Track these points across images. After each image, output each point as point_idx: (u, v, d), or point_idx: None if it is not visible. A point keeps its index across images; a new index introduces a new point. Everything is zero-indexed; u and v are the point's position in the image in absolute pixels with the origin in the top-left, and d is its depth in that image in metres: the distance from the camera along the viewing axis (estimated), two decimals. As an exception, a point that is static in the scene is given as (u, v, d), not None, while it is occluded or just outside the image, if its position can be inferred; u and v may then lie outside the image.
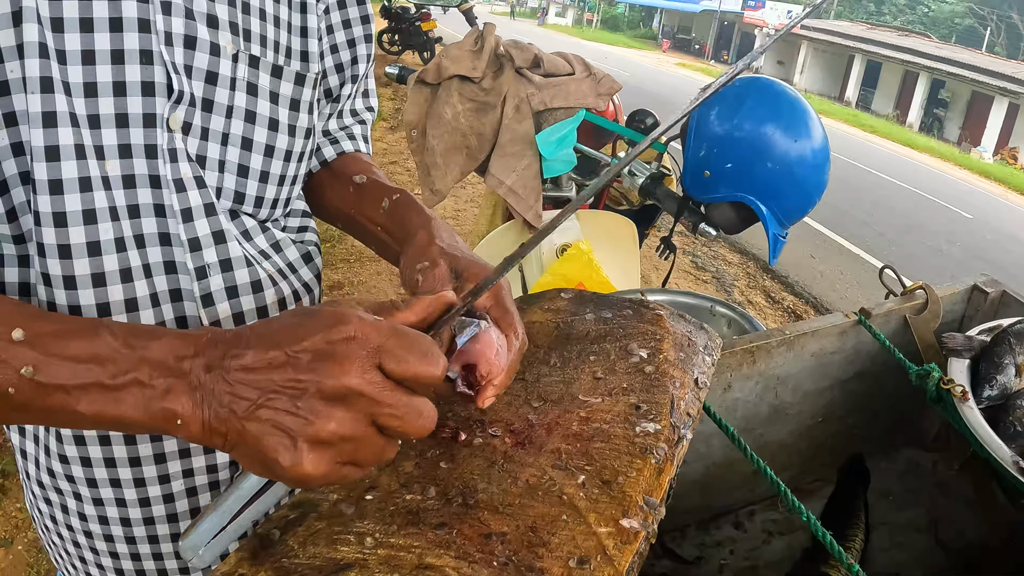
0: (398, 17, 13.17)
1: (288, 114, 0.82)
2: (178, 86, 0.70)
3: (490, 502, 0.64)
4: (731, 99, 1.71)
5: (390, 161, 7.46)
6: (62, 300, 0.70)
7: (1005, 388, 1.12)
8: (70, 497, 0.86)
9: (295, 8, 0.83)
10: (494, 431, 0.73)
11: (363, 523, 0.63)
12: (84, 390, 0.54)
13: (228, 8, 0.73)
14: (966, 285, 1.44)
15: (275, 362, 0.53)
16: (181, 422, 0.54)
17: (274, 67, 0.79)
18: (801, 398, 1.31)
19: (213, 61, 0.73)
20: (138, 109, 0.69)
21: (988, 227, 12.63)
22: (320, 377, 0.52)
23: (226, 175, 0.78)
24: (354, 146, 1.00)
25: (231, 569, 0.59)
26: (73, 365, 0.54)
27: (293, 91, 0.82)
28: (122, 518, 0.86)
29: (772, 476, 0.87)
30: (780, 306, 5.94)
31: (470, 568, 0.57)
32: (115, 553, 0.89)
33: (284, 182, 0.85)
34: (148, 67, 0.69)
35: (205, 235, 0.76)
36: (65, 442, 0.81)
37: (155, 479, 0.84)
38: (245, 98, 0.77)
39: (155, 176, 0.71)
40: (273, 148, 0.81)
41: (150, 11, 0.68)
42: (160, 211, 0.73)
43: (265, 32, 0.78)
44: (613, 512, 0.62)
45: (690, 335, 0.89)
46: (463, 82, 1.90)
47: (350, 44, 0.93)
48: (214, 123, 0.75)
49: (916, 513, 1.37)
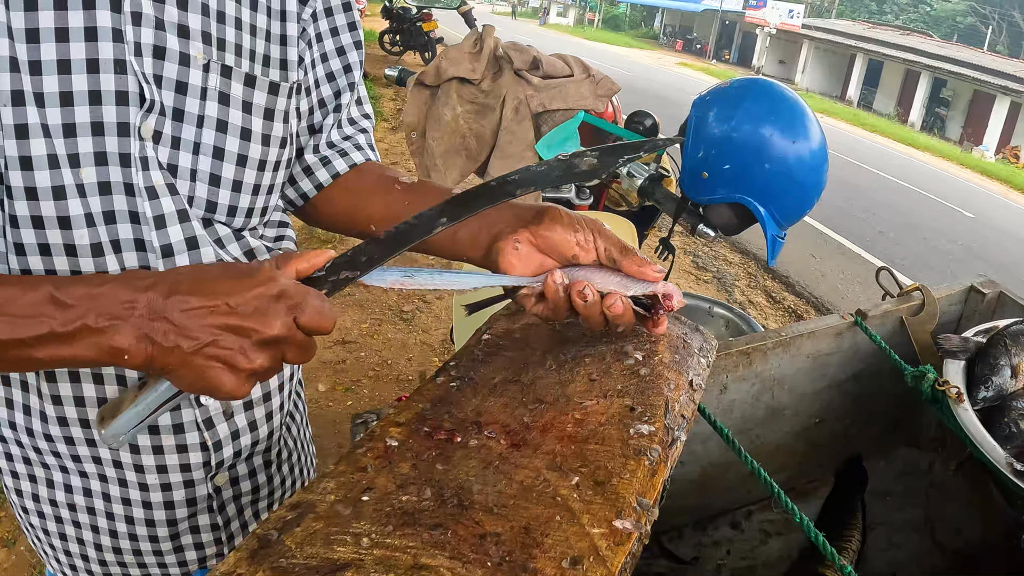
0: (399, 18, 13.17)
1: (262, 123, 0.82)
2: (149, 95, 0.71)
3: (485, 503, 0.64)
4: (729, 100, 1.72)
5: (392, 162, 7.48)
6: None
7: (1000, 389, 1.13)
8: (46, 485, 0.89)
9: (274, 16, 0.83)
10: (490, 433, 0.73)
11: (360, 524, 0.63)
12: (40, 339, 0.61)
13: (201, 18, 0.74)
14: (963, 286, 1.45)
15: (217, 310, 0.62)
16: (128, 356, 0.62)
17: (247, 76, 0.80)
18: (797, 399, 1.32)
19: (183, 71, 0.74)
20: (113, 118, 0.70)
21: (990, 226, 12.62)
22: (259, 326, 0.63)
23: (198, 184, 0.79)
24: (364, 156, 0.99)
25: (229, 569, 0.60)
26: (27, 320, 0.60)
27: (267, 100, 0.82)
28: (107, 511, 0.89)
29: (766, 477, 0.88)
30: (781, 306, 5.94)
31: (464, 568, 0.58)
32: (99, 545, 0.92)
33: (259, 191, 0.85)
34: (122, 76, 0.70)
35: (178, 241, 0.78)
36: (49, 423, 0.84)
37: (130, 466, 0.87)
38: (216, 107, 0.77)
39: (128, 184, 0.73)
40: (246, 157, 0.82)
41: (121, 21, 0.68)
42: (135, 218, 0.75)
43: (240, 41, 0.79)
44: (606, 513, 0.63)
45: (685, 337, 0.90)
46: (462, 84, 1.91)
47: (339, 52, 0.93)
48: (185, 132, 0.76)
49: (913, 513, 1.38)
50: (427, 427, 0.75)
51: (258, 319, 0.63)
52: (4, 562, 2.43)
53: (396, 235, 0.71)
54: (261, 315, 0.63)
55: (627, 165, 1.97)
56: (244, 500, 0.99)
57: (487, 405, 0.78)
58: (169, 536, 0.93)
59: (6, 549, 2.47)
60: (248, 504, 1.00)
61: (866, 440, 1.45)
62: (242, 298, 0.63)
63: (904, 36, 36.11)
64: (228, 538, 0.99)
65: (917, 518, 1.37)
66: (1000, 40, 42.86)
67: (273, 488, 1.04)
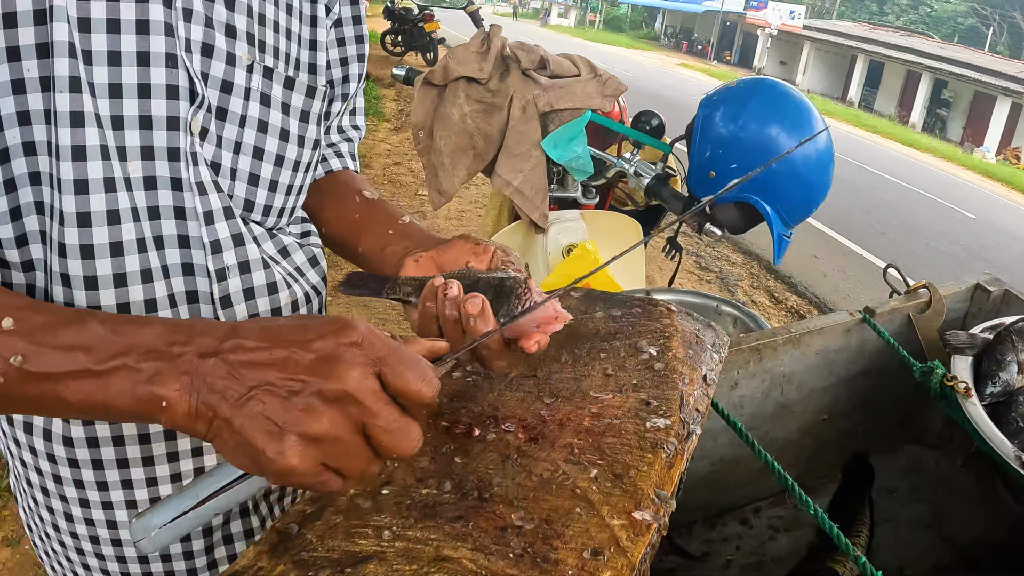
0: (401, 18, 13.18)
1: (298, 125, 0.83)
2: (200, 91, 0.71)
3: (505, 496, 0.65)
4: (736, 100, 1.73)
5: (394, 162, 7.47)
6: (81, 300, 0.71)
7: (1008, 385, 1.13)
8: (55, 498, 0.87)
9: (306, 22, 0.84)
10: (507, 427, 0.74)
11: (380, 517, 0.64)
12: (72, 377, 0.55)
13: (247, 19, 0.75)
14: (969, 284, 1.45)
15: (277, 358, 0.54)
16: (167, 404, 0.54)
17: (287, 79, 0.80)
18: (806, 395, 1.32)
19: (228, 70, 0.74)
20: (162, 112, 0.70)
21: (991, 227, 12.62)
22: (321, 378, 0.53)
23: (237, 183, 0.79)
24: (343, 164, 1.01)
25: (250, 563, 0.60)
26: (61, 353, 0.55)
27: (304, 103, 0.83)
28: (108, 520, 0.87)
29: (780, 471, 0.88)
30: (784, 306, 5.94)
31: (487, 560, 0.59)
32: (122, 557, 0.90)
33: (291, 191, 0.86)
34: (173, 70, 0.69)
35: (226, 237, 0.77)
36: (54, 441, 0.82)
37: (142, 481, 0.85)
38: (258, 108, 0.78)
39: (176, 179, 0.72)
40: (283, 158, 0.82)
41: (172, 16, 0.69)
42: (180, 213, 0.74)
43: (278, 44, 0.79)
44: (625, 505, 0.64)
45: (698, 333, 0.91)
46: (469, 83, 1.92)
47: (342, 62, 0.93)
48: (227, 131, 0.76)
49: (920, 509, 1.38)
50: (445, 421, 0.76)
51: (322, 364, 0.53)
52: (8, 561, 2.43)
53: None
54: (328, 361, 0.53)
55: (635, 164, 1.98)
56: (273, 497, 0.98)
57: (504, 400, 0.79)
58: (204, 549, 0.92)
59: (10, 548, 2.47)
60: (276, 501, 0.99)
61: (873, 437, 1.45)
62: (309, 346, 0.54)
63: (905, 37, 36.13)
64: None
65: (924, 514, 1.37)
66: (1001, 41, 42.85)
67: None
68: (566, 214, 2.05)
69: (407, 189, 6.67)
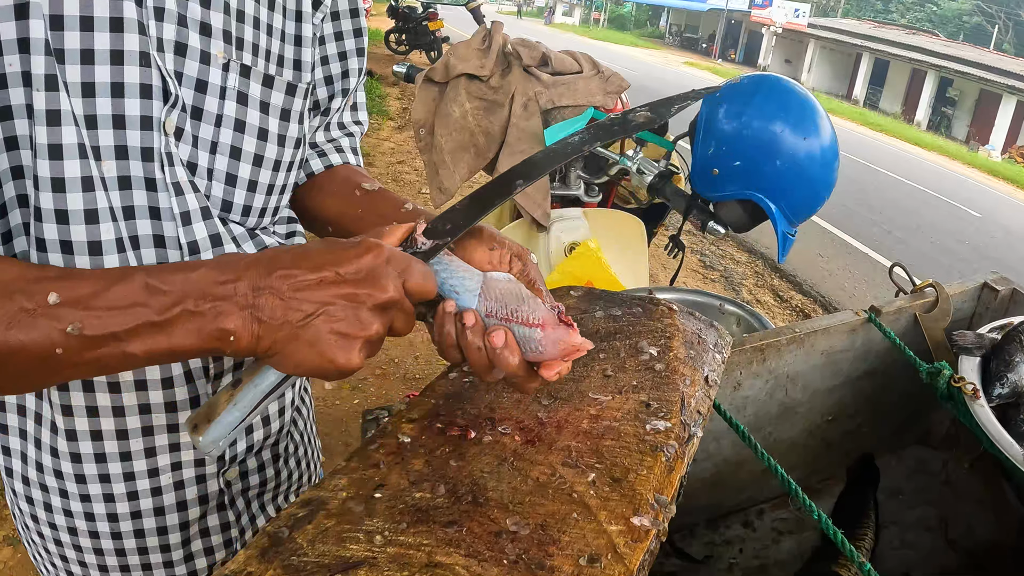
0: (405, 17, 13.17)
1: (278, 124, 0.82)
2: (174, 90, 0.70)
3: (500, 500, 0.64)
4: (740, 97, 1.71)
5: (398, 160, 7.47)
6: None
7: (1016, 386, 1.12)
8: (55, 494, 0.86)
9: (289, 17, 0.82)
10: (504, 429, 0.72)
11: (372, 521, 0.62)
12: (134, 332, 0.58)
13: (223, 16, 0.73)
14: (976, 283, 1.43)
15: (326, 280, 0.60)
16: (234, 338, 0.59)
17: (265, 76, 0.79)
18: (811, 396, 1.31)
19: (203, 69, 0.72)
20: (136, 111, 0.69)
21: (997, 225, 12.56)
22: (373, 291, 0.61)
23: (214, 183, 0.77)
24: (343, 159, 0.99)
25: (240, 567, 0.59)
26: (120, 312, 0.57)
27: (284, 101, 0.82)
28: (108, 513, 0.87)
29: (783, 474, 0.87)
30: (788, 305, 5.92)
31: (480, 566, 0.57)
32: (99, 550, 0.90)
33: (273, 191, 0.84)
34: (146, 69, 0.68)
35: (203, 238, 0.77)
36: (59, 435, 0.82)
37: (144, 472, 0.85)
38: (235, 107, 0.76)
39: (151, 179, 0.72)
40: (262, 158, 0.81)
41: (144, 15, 0.67)
42: (155, 213, 0.73)
43: (258, 41, 0.78)
44: (623, 510, 0.62)
45: (700, 333, 0.89)
46: (471, 80, 1.90)
47: (341, 57, 0.92)
48: (203, 131, 0.75)
49: (926, 512, 1.37)
50: (440, 423, 0.74)
51: (372, 283, 0.61)
52: (9, 560, 2.43)
53: (475, 199, 0.72)
54: (375, 279, 0.62)
55: (638, 161, 1.96)
56: (251, 493, 0.99)
57: (501, 401, 0.77)
58: (181, 542, 0.92)
59: (11, 547, 2.47)
60: (255, 497, 1.00)
61: (878, 438, 1.44)
62: (352, 266, 0.61)
63: (910, 35, 36.02)
64: (240, 533, 0.98)
65: (930, 516, 1.36)
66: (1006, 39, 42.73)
67: (280, 482, 1.03)
68: (568, 212, 2.03)
69: (411, 187, 6.67)
